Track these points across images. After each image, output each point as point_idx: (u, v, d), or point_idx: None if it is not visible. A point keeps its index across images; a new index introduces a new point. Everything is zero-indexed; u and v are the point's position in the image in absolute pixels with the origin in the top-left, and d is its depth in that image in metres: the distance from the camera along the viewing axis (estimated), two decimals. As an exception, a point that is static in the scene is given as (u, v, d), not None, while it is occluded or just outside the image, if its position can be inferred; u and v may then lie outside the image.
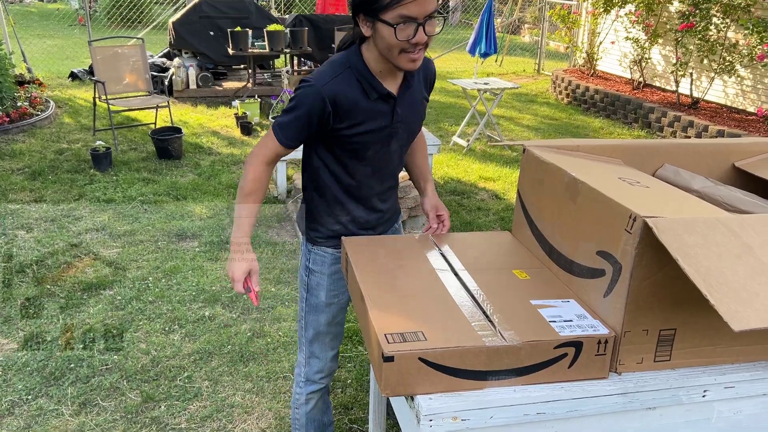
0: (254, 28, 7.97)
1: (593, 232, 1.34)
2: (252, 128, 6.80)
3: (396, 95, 1.66)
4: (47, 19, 16.63)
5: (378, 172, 1.77)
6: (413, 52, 1.52)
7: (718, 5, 6.85)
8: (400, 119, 1.70)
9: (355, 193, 1.78)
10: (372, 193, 1.81)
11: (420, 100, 1.77)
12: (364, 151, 1.69)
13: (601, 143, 1.73)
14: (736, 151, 1.81)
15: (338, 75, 1.60)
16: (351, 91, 1.60)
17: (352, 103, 1.61)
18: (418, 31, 1.48)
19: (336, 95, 1.58)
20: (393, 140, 1.73)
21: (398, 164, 1.83)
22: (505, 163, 6.06)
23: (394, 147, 1.75)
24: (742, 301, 1.01)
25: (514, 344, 1.21)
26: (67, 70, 9.56)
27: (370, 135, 1.67)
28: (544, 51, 12.01)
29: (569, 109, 8.72)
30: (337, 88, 1.58)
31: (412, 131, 1.79)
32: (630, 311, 1.24)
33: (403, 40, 1.48)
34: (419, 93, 1.76)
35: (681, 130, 7.03)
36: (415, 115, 1.76)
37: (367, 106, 1.63)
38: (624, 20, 8.25)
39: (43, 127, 6.60)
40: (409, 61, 1.54)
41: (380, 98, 1.64)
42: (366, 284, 1.43)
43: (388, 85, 1.64)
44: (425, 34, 1.50)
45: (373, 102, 1.63)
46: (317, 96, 1.57)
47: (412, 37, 1.48)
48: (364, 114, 1.63)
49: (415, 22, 1.47)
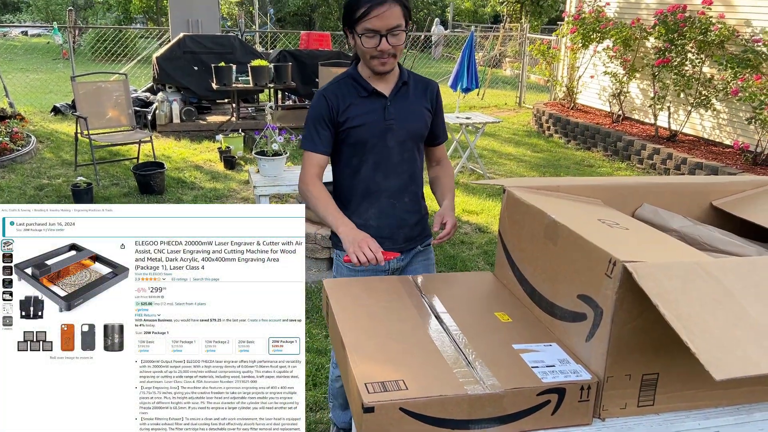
0: (238, 63, 8.03)
1: (574, 275, 1.33)
2: (236, 162, 6.79)
3: (388, 96, 1.96)
4: (31, 53, 16.66)
5: (379, 166, 1.99)
6: (381, 58, 1.86)
7: (692, 42, 7.03)
8: (393, 117, 1.96)
9: (362, 188, 2.01)
10: (379, 189, 2.00)
11: (419, 108, 2.02)
12: (363, 144, 1.96)
13: (581, 183, 1.74)
14: (714, 190, 1.83)
15: (337, 81, 1.99)
16: (347, 92, 1.96)
17: (348, 101, 1.95)
18: (382, 41, 1.82)
19: (335, 95, 1.94)
20: (389, 135, 1.97)
21: (401, 162, 2.01)
22: (488, 196, 6.09)
23: (391, 143, 1.98)
24: (724, 349, 1.01)
25: (497, 392, 1.19)
26: (49, 104, 9.54)
27: (366, 128, 1.95)
28: (525, 84, 12.22)
29: (551, 141, 8.83)
30: (335, 90, 1.96)
31: (411, 132, 2.01)
32: (612, 356, 1.23)
33: (369, 47, 1.83)
34: (418, 101, 2.02)
35: (660, 163, 7.14)
36: (411, 117, 2.00)
37: (361, 102, 1.95)
38: (602, 55, 8.43)
39: (23, 162, 6.54)
40: (379, 65, 1.88)
41: (371, 95, 1.95)
42: (346, 330, 1.41)
43: (378, 86, 1.96)
44: (389, 44, 1.83)
45: (364, 99, 1.95)
46: (321, 98, 1.96)
47: (377, 46, 1.82)
48: (359, 108, 1.95)
49: (379, 34, 1.81)
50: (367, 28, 1.80)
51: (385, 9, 1.77)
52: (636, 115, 8.60)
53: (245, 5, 16.75)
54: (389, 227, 2.03)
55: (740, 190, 1.84)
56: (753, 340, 1.03)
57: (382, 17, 1.78)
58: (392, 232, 2.04)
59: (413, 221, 2.09)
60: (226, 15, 17.38)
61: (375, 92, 1.95)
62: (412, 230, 2.10)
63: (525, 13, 18.70)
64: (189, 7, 10.17)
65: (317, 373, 3.00)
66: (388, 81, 1.98)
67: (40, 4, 21.60)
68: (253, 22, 15.43)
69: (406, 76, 2.00)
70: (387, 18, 1.78)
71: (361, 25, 1.81)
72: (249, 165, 6.73)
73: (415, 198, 2.10)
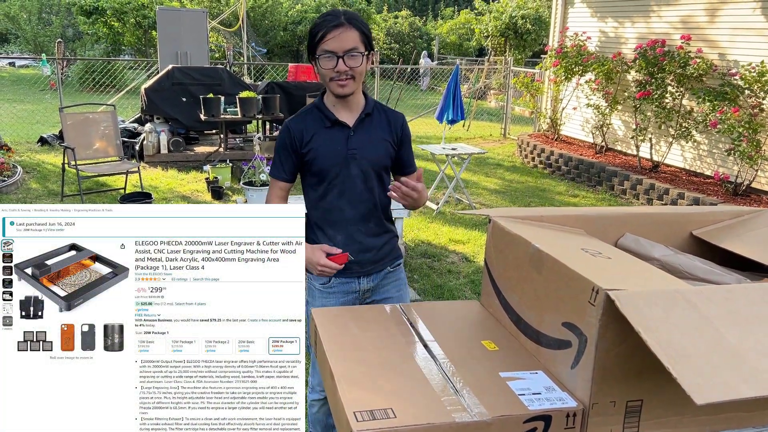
0: (227, 95, 8.10)
1: (558, 303, 1.36)
2: (223, 192, 6.80)
3: (351, 126, 2.03)
4: (18, 84, 16.67)
5: (343, 194, 2.05)
6: (339, 80, 1.92)
7: (672, 75, 7.21)
8: (355, 146, 2.02)
9: (329, 217, 2.08)
10: (345, 217, 2.07)
11: (381, 139, 2.08)
12: (327, 172, 2.03)
13: (565, 213, 1.78)
14: (694, 220, 1.88)
15: (303, 113, 2.08)
16: (312, 122, 2.04)
17: (311, 131, 2.03)
18: (339, 62, 1.89)
19: (299, 126, 2.04)
20: (351, 165, 2.03)
21: (364, 191, 2.07)
22: (474, 225, 6.14)
23: (354, 171, 2.03)
24: (704, 374, 1.03)
25: (484, 420, 1.20)
26: (36, 134, 9.53)
27: (329, 158, 2.02)
28: (509, 116, 12.41)
29: (535, 172, 8.95)
30: (300, 120, 2.05)
31: (373, 163, 2.06)
32: (597, 383, 1.25)
33: (327, 68, 1.91)
34: (380, 133, 2.08)
35: (643, 193, 7.26)
36: (373, 148, 2.06)
37: (324, 132, 2.03)
38: (585, 88, 8.61)
39: (9, 193, 6.51)
40: (337, 87, 1.94)
41: (334, 126, 2.02)
42: (334, 359, 1.42)
43: (341, 116, 2.03)
44: (345, 66, 1.90)
45: (328, 129, 2.02)
46: (286, 129, 2.05)
47: (335, 67, 1.89)
48: (322, 138, 2.02)
49: (335, 55, 1.88)
50: (324, 49, 1.88)
51: (340, 31, 1.87)
52: (619, 146, 8.76)
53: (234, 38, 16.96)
54: (355, 252, 2.07)
55: (719, 219, 1.89)
56: (731, 365, 1.06)
57: (338, 39, 1.87)
58: (358, 257, 2.09)
59: (379, 244, 2.15)
60: (214, 47, 17.56)
61: (338, 122, 2.02)
62: (378, 253, 2.15)
63: (509, 46, 19.10)
64: (178, 39, 10.29)
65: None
66: (352, 111, 2.05)
67: (28, 36, 21.71)
68: (241, 54, 15.60)
69: (371, 107, 2.07)
70: (343, 40, 1.87)
71: (320, 48, 1.89)
72: (236, 195, 6.74)
73: (380, 222, 2.15)
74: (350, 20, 1.90)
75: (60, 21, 22.29)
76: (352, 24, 1.90)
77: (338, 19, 1.89)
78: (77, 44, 22.47)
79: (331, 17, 1.90)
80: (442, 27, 26.29)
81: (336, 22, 1.88)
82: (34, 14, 21.62)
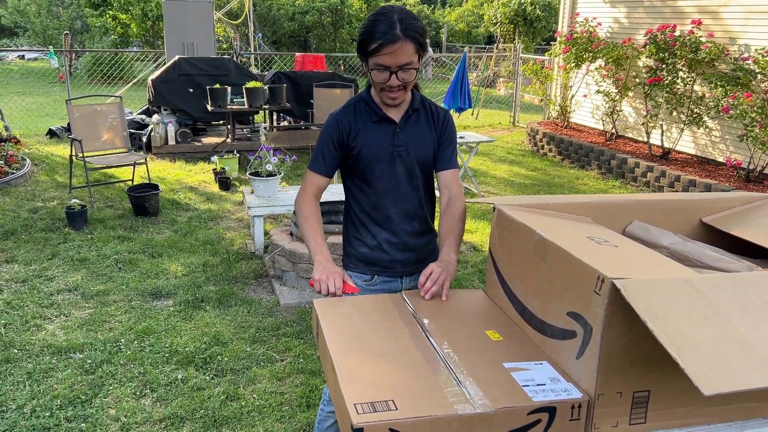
0: (233, 85, 8.07)
1: (563, 292, 1.33)
2: (230, 183, 6.79)
3: (398, 122, 1.96)
4: (27, 77, 16.72)
5: (388, 192, 1.99)
6: (390, 93, 1.87)
7: (683, 60, 7.10)
8: (402, 143, 1.96)
9: (373, 214, 2.02)
10: (389, 214, 2.01)
11: (428, 138, 2.01)
12: (372, 170, 1.97)
13: (571, 201, 1.75)
14: (703, 207, 1.84)
15: (350, 105, 1.99)
16: (359, 116, 1.96)
17: (359, 125, 1.95)
18: (392, 77, 1.82)
19: (348, 119, 1.96)
20: (397, 163, 1.97)
21: (410, 190, 2.01)
22: (482, 214, 6.10)
23: (399, 169, 1.98)
24: (712, 364, 1.00)
25: (487, 411, 1.18)
26: (45, 127, 9.55)
27: (375, 155, 1.95)
28: (518, 104, 12.30)
29: (545, 160, 8.87)
30: (348, 113, 1.97)
31: (420, 160, 2.00)
32: (603, 373, 1.22)
33: (379, 80, 1.84)
34: (428, 131, 2.01)
35: (654, 180, 7.17)
36: (419, 145, 1.99)
37: (371, 126, 1.96)
38: (595, 74, 8.51)
39: (18, 185, 6.53)
40: (388, 98, 1.90)
41: (381, 121, 1.95)
42: (336, 349, 1.40)
43: (388, 112, 1.96)
44: (398, 80, 1.82)
45: (375, 124, 1.96)
46: (333, 120, 1.97)
47: (387, 81, 1.82)
48: (369, 134, 1.95)
49: (389, 70, 1.80)
50: (378, 63, 1.80)
51: (397, 47, 1.76)
52: (629, 133, 8.66)
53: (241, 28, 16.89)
54: (400, 251, 2.04)
55: (729, 206, 1.85)
56: (740, 355, 1.03)
57: (393, 55, 1.77)
58: (403, 256, 2.04)
59: (423, 243, 2.08)
60: (221, 38, 17.52)
61: (385, 118, 1.95)
62: (422, 252, 2.08)
63: (518, 33, 18.91)
64: (184, 30, 10.27)
65: (310, 394, 2.97)
66: (399, 107, 1.98)
67: (37, 29, 21.74)
68: (248, 44, 15.54)
69: (417, 103, 1.99)
70: (398, 56, 1.77)
71: (372, 60, 1.80)
72: (243, 186, 6.73)
73: (425, 221, 2.08)
74: (406, 31, 1.76)
75: (69, 14, 22.30)
76: (408, 36, 1.76)
77: (393, 31, 1.74)
78: (85, 36, 22.50)
79: (386, 26, 1.75)
80: (451, 14, 26.07)
81: (392, 36, 1.74)
82: (43, 7, 21.63)
